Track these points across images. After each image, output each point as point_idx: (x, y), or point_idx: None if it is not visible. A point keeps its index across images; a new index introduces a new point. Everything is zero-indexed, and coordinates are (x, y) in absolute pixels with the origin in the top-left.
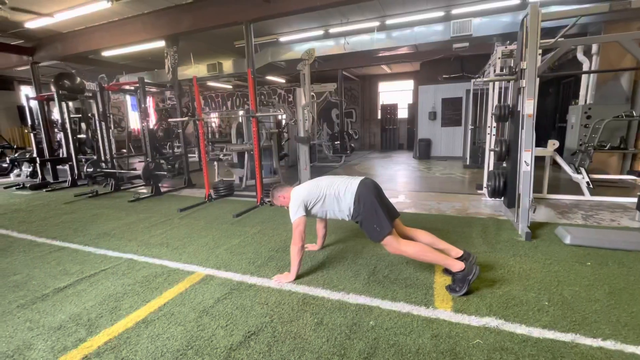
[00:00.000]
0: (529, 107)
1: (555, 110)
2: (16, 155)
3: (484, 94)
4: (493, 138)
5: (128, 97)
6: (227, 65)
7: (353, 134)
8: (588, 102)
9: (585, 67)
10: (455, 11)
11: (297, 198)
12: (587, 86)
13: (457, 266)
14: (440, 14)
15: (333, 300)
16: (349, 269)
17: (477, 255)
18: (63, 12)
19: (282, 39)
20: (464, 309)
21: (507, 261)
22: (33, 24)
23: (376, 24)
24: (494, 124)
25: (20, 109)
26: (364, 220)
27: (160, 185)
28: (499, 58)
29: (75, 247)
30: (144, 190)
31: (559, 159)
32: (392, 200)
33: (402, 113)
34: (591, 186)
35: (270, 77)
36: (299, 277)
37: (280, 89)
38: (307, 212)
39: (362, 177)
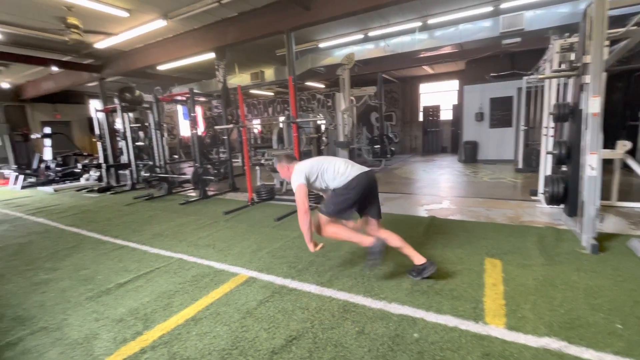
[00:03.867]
0: (594, 105)
1: (624, 107)
2: (86, 161)
3: (538, 91)
4: (550, 140)
5: (179, 107)
6: (269, 73)
7: (393, 137)
8: None
9: None
10: (504, 5)
11: (300, 171)
12: None
13: (368, 241)
14: (488, 9)
15: (374, 309)
16: (390, 278)
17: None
18: (126, 32)
19: (322, 45)
20: (520, 326)
21: (570, 276)
22: (101, 44)
23: (418, 24)
24: (552, 124)
25: (90, 120)
26: (332, 197)
27: (207, 189)
28: (557, 52)
29: (133, 246)
30: (193, 194)
31: (631, 162)
32: (436, 207)
33: (446, 115)
34: None
35: (309, 83)
36: (338, 283)
37: (319, 93)
38: (308, 184)
39: (366, 169)
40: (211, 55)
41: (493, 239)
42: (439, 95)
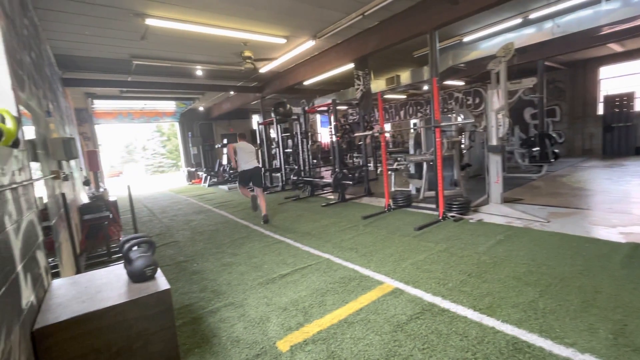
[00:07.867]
0: None
1: None
2: None
3: None
4: None
5: (318, 116)
6: (405, 77)
7: (557, 136)
8: None
9: None
10: None
11: (234, 145)
12: None
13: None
14: None
15: (559, 357)
16: (577, 318)
17: None
18: (283, 55)
19: (466, 38)
20: None
21: None
22: (264, 69)
23: None
24: None
25: (253, 132)
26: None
27: (345, 192)
28: None
29: (288, 242)
30: (332, 197)
31: None
32: (631, 229)
33: None
34: None
35: (448, 82)
36: (502, 313)
37: (457, 92)
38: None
39: (254, 166)
40: (350, 66)
41: None
42: (631, 80)
